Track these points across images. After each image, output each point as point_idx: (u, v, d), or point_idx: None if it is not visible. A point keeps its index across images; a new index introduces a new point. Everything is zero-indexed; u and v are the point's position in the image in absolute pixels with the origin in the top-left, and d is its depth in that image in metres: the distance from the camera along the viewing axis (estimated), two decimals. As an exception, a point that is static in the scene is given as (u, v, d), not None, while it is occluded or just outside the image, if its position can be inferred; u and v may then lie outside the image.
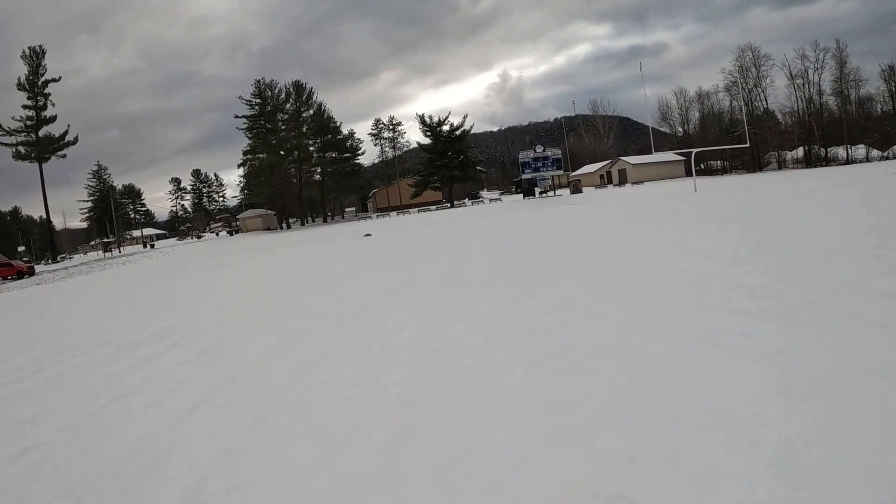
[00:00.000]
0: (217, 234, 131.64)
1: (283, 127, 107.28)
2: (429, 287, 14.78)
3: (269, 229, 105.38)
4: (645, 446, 5.01)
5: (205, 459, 5.87)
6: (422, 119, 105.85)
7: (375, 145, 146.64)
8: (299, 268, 26.50)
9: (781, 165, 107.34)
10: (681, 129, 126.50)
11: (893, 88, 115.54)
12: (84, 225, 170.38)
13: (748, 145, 70.91)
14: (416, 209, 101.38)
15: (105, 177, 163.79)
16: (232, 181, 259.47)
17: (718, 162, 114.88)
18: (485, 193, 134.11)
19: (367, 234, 46.25)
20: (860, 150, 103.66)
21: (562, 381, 6.67)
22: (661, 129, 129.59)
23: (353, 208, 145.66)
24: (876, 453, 4.49)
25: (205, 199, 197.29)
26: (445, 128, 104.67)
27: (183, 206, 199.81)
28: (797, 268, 11.03)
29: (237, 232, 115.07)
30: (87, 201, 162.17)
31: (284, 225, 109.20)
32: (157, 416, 7.47)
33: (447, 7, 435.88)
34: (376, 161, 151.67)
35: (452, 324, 10.21)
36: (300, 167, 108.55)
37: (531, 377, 6.94)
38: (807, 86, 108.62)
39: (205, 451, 6.07)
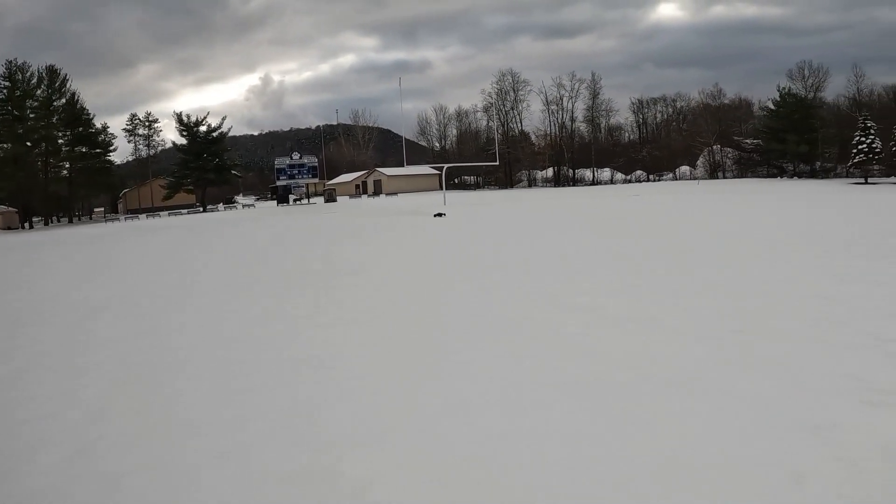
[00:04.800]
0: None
1: (31, 115, 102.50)
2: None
3: (10, 228, 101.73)
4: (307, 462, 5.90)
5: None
6: (179, 117, 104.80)
7: (129, 142, 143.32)
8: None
9: (531, 184, 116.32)
10: (438, 144, 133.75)
11: (640, 120, 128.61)
12: None
13: (498, 163, 77.15)
14: (167, 212, 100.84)
15: None
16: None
17: (473, 177, 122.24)
18: (240, 198, 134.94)
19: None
20: (606, 173, 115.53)
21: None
22: (420, 144, 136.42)
23: (103, 209, 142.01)
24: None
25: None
26: (203, 128, 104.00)
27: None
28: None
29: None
30: None
31: (27, 224, 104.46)
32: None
33: (218, 2, 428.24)
34: (130, 159, 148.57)
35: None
36: (47, 161, 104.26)
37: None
38: (561, 112, 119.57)
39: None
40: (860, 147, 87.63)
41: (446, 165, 65.54)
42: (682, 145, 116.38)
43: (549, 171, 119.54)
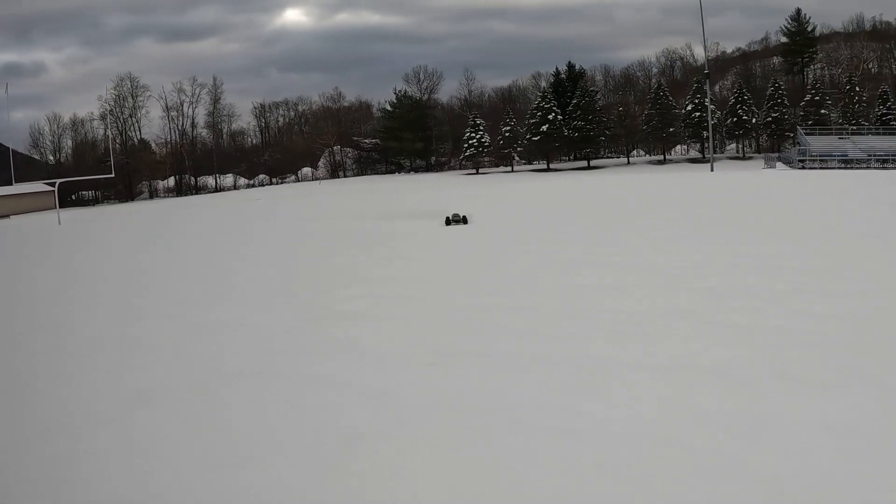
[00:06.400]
0: None
1: None
2: None
3: None
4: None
5: None
6: None
7: None
8: None
9: (153, 195, 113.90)
10: (52, 158, 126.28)
11: (263, 124, 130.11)
12: None
13: (113, 175, 75.06)
14: None
15: None
16: None
17: (92, 192, 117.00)
18: None
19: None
20: (229, 179, 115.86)
21: None
22: (34, 157, 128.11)
23: None
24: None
25: None
26: None
27: None
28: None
29: None
30: None
31: None
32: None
33: None
34: None
35: None
36: None
37: None
38: (181, 118, 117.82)
39: None
40: (471, 142, 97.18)
41: (59, 180, 62.91)
42: (303, 147, 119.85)
43: (171, 181, 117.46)
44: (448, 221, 26.10)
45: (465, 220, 26.02)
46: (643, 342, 8.89)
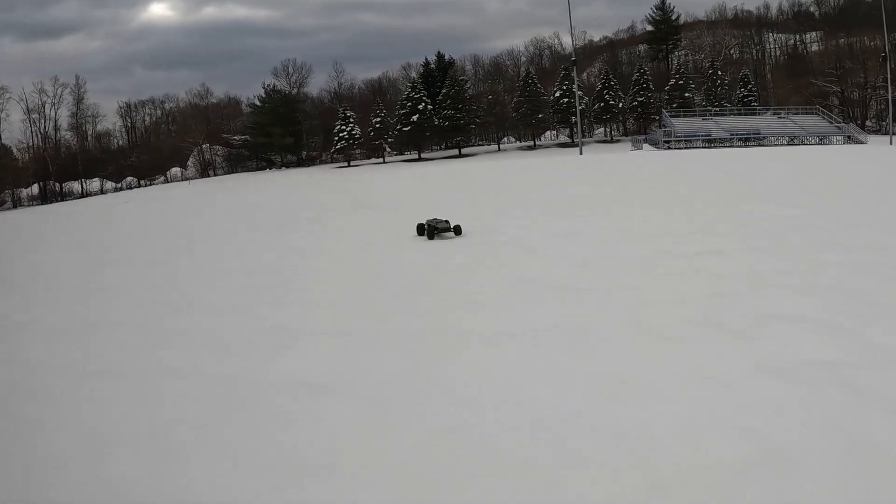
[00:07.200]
0: None
1: None
2: None
3: None
4: None
5: None
6: None
7: None
8: None
9: (17, 204, 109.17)
10: None
11: (129, 124, 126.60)
12: None
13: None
14: None
15: None
16: None
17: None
18: None
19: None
20: (95, 184, 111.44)
21: None
22: None
23: None
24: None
25: None
26: None
27: None
28: None
29: None
30: None
31: None
32: None
33: None
34: None
35: None
36: None
37: None
38: (43, 121, 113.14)
39: None
40: (341, 135, 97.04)
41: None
42: (171, 147, 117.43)
43: (35, 188, 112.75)
44: (428, 233, 18.83)
45: (457, 231, 18.88)
46: (508, 312, 9.33)
